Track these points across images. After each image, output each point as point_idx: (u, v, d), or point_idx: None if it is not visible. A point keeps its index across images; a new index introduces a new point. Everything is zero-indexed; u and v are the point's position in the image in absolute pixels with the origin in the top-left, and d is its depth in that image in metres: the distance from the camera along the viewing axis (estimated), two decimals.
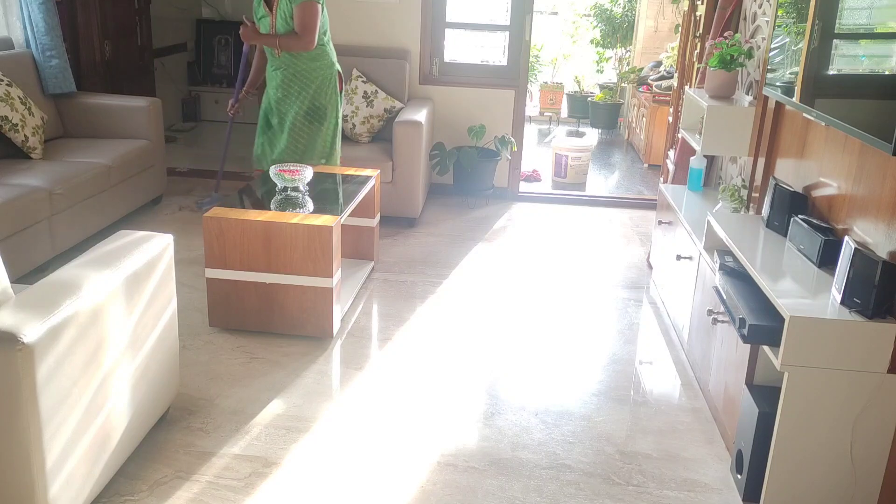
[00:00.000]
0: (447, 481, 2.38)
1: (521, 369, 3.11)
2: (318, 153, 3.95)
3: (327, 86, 3.87)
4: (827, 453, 2.18)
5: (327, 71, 3.85)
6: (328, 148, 3.97)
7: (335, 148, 4.02)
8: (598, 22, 8.36)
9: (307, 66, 3.81)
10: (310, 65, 3.81)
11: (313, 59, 3.80)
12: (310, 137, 3.91)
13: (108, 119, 4.66)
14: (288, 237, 3.09)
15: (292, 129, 3.88)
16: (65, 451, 1.90)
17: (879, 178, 2.28)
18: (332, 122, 3.94)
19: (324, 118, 3.90)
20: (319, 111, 3.88)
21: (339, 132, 4.03)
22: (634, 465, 2.51)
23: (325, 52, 3.84)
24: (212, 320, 3.25)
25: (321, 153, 3.96)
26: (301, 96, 3.85)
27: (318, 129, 3.90)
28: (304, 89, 3.84)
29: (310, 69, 3.81)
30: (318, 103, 3.87)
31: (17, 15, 4.55)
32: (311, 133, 3.90)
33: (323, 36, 3.79)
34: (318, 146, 3.94)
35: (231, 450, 2.48)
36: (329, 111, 3.90)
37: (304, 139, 3.90)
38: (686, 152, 4.02)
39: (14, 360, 1.70)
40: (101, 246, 2.24)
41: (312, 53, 3.77)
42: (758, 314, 2.27)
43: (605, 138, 8.10)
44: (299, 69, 3.81)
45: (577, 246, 4.60)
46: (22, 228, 3.49)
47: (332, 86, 3.89)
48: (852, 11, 2.42)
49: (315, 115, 3.88)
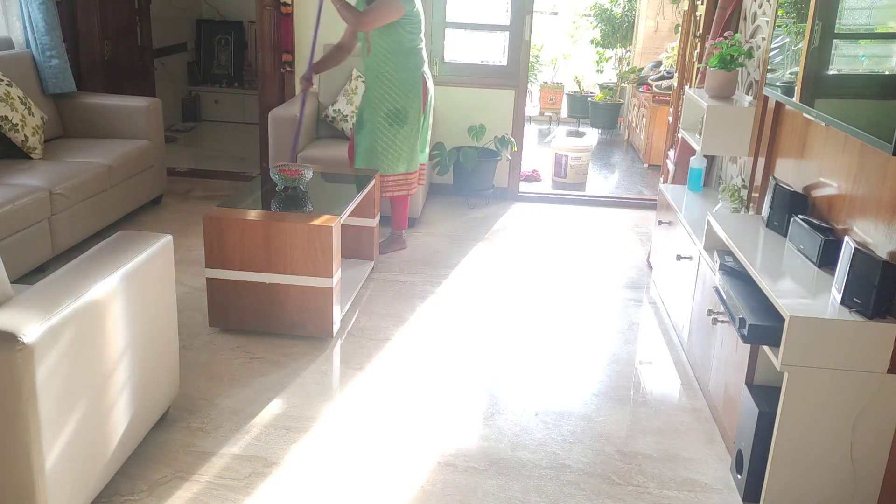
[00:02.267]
0: (447, 481, 2.38)
1: (521, 369, 3.11)
2: (398, 157, 3.95)
3: (411, 89, 3.88)
4: (827, 453, 2.18)
5: (411, 74, 3.87)
6: (408, 152, 3.97)
7: (415, 152, 4.02)
8: (598, 22, 8.36)
9: (391, 68, 3.83)
10: (394, 66, 3.83)
11: (398, 61, 3.82)
12: (390, 140, 3.91)
13: (108, 119, 4.66)
14: (288, 237, 3.09)
15: (374, 131, 3.91)
16: (65, 451, 1.90)
17: (879, 178, 2.28)
18: (413, 126, 3.94)
19: (404, 121, 3.89)
20: (401, 114, 3.88)
21: (420, 137, 4.02)
22: (634, 465, 2.51)
23: (411, 55, 3.85)
24: (212, 320, 3.25)
25: (401, 157, 3.96)
26: (384, 98, 3.87)
27: (398, 132, 3.91)
28: (388, 91, 3.86)
29: (394, 71, 3.83)
30: (400, 106, 3.87)
31: (17, 15, 4.55)
32: (391, 136, 3.91)
33: (409, 38, 3.80)
34: (399, 149, 3.94)
35: (231, 450, 2.48)
36: (411, 115, 3.90)
37: (383, 141, 3.91)
38: (686, 152, 4.03)
39: (14, 360, 1.70)
40: (101, 246, 2.24)
41: (397, 54, 3.80)
42: (758, 314, 2.27)
43: (605, 138, 8.10)
44: (383, 70, 3.84)
45: (577, 246, 4.60)
46: (22, 228, 3.49)
47: (416, 89, 3.89)
48: (852, 11, 2.42)
49: (396, 117, 3.88)
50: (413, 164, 4.05)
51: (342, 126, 4.86)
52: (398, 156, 3.96)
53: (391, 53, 3.81)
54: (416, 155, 4.05)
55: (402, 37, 3.79)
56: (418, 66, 3.90)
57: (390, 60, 3.82)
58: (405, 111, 3.88)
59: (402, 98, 3.87)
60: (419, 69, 3.91)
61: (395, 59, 3.82)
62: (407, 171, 4.04)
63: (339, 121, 4.86)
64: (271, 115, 4.60)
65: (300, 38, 5.19)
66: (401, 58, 3.83)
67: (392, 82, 3.85)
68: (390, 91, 3.87)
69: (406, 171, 4.04)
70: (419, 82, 3.91)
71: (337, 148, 4.68)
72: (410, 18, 3.77)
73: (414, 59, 3.87)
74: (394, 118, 3.89)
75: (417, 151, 4.05)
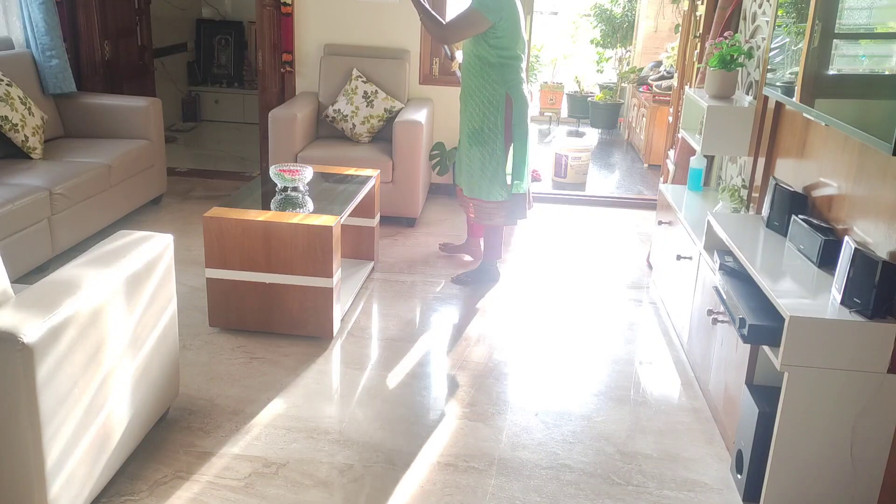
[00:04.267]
0: (447, 481, 2.38)
1: (522, 369, 3.11)
2: (490, 181, 3.64)
3: (490, 107, 3.55)
4: (827, 453, 2.18)
5: (491, 90, 3.54)
6: (485, 177, 3.64)
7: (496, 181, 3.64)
8: (598, 22, 8.36)
9: (473, 83, 3.58)
10: (475, 81, 3.57)
11: (480, 76, 3.54)
12: (476, 162, 3.64)
13: (108, 119, 4.66)
14: (288, 237, 3.09)
15: (463, 153, 3.72)
16: (65, 451, 1.90)
17: (879, 178, 2.28)
18: (493, 151, 3.59)
19: (485, 142, 3.59)
20: (481, 134, 3.59)
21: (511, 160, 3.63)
22: (634, 465, 2.51)
23: (495, 70, 3.52)
24: (212, 320, 3.25)
25: (494, 181, 3.63)
26: (466, 116, 3.65)
27: (481, 153, 3.61)
28: (468, 107, 3.63)
29: (475, 86, 3.58)
30: (478, 125, 3.59)
31: (17, 15, 4.55)
32: (473, 157, 3.64)
33: (494, 52, 3.49)
34: (488, 173, 3.63)
35: (231, 450, 2.48)
36: (489, 135, 3.57)
37: (470, 163, 3.67)
38: (686, 152, 4.03)
39: (14, 360, 1.70)
40: (101, 246, 2.24)
41: (480, 68, 3.52)
42: (758, 314, 2.27)
43: (605, 138, 8.10)
44: (467, 84, 3.62)
45: (577, 246, 4.60)
46: (22, 228, 3.49)
47: (497, 108, 3.55)
48: (852, 11, 2.42)
49: (477, 138, 3.61)
50: (492, 192, 3.66)
51: (342, 126, 4.86)
52: (492, 181, 3.64)
53: (474, 67, 3.55)
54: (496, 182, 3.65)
55: (484, 51, 3.49)
56: (504, 82, 3.53)
57: (474, 75, 3.56)
58: (481, 131, 3.59)
59: (480, 117, 3.58)
60: (503, 87, 3.53)
61: (477, 74, 3.55)
62: (486, 198, 3.68)
63: (339, 121, 4.86)
64: (271, 115, 4.60)
65: (300, 38, 5.19)
66: (484, 72, 3.53)
67: (472, 98, 3.60)
68: (470, 108, 3.62)
69: (486, 198, 3.68)
70: (501, 101, 3.54)
71: (337, 148, 4.68)
72: (496, 31, 3.44)
73: (499, 74, 3.52)
74: (473, 138, 3.62)
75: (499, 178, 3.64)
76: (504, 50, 3.51)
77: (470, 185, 3.71)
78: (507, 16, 3.45)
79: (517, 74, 3.57)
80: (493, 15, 3.42)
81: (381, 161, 4.51)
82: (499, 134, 3.57)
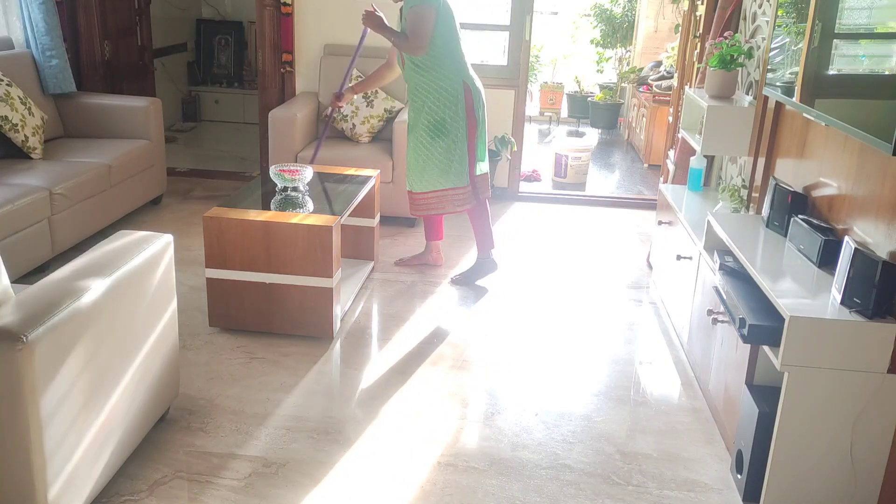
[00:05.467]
0: (447, 481, 2.38)
1: (522, 369, 3.11)
2: (459, 167, 3.68)
3: (448, 99, 3.59)
4: (827, 453, 2.18)
5: (446, 82, 3.58)
6: (453, 165, 3.67)
7: (464, 166, 3.69)
8: (598, 22, 8.35)
9: (425, 78, 3.59)
10: (427, 75, 3.58)
11: (430, 69, 3.57)
12: (430, 154, 3.66)
13: (108, 119, 4.66)
14: (288, 237, 3.09)
15: (416, 145, 3.70)
16: (65, 451, 1.90)
17: (879, 178, 2.28)
18: (456, 139, 3.64)
19: (445, 133, 3.62)
20: (440, 126, 3.62)
21: (468, 151, 3.68)
22: (634, 465, 2.51)
23: (444, 62, 3.57)
24: (212, 320, 3.25)
25: (442, 170, 3.67)
26: (423, 110, 3.64)
27: (438, 144, 3.64)
28: (424, 102, 3.63)
29: (428, 80, 3.59)
30: (438, 117, 3.61)
31: (17, 15, 4.55)
32: (431, 149, 3.65)
33: (442, 46, 3.54)
34: (455, 160, 3.66)
35: (231, 450, 2.48)
36: (449, 126, 3.62)
37: (423, 155, 3.68)
38: (686, 152, 4.03)
39: (14, 360, 1.70)
40: (101, 246, 2.24)
41: (429, 64, 3.55)
42: (758, 314, 2.27)
43: (605, 138, 8.10)
44: (418, 82, 3.62)
45: (577, 246, 4.60)
46: (22, 228, 3.49)
47: (455, 99, 3.60)
48: (852, 11, 2.43)
49: (436, 130, 3.63)
50: (461, 177, 3.71)
51: (342, 126, 4.86)
52: (440, 170, 3.68)
53: (425, 64, 3.56)
54: (464, 168, 3.70)
55: (434, 47, 3.52)
56: (458, 72, 3.59)
57: (426, 71, 3.58)
58: (443, 122, 3.61)
59: (441, 109, 3.60)
60: (459, 76, 3.60)
61: (429, 70, 3.57)
62: (454, 185, 3.71)
63: (339, 121, 4.85)
64: (271, 115, 4.60)
65: (300, 38, 5.19)
66: (436, 67, 3.56)
67: (430, 94, 3.61)
68: (429, 103, 3.62)
69: (453, 185, 3.71)
70: (460, 91, 3.60)
71: (337, 148, 4.68)
72: (437, 22, 3.50)
73: (451, 65, 3.57)
74: (437, 131, 3.63)
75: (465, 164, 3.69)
76: (447, 38, 3.57)
77: (435, 179, 3.71)
78: (443, 3, 3.54)
79: (466, 64, 3.66)
80: (434, 2, 3.49)
81: (381, 161, 4.51)
82: (461, 122, 3.64)
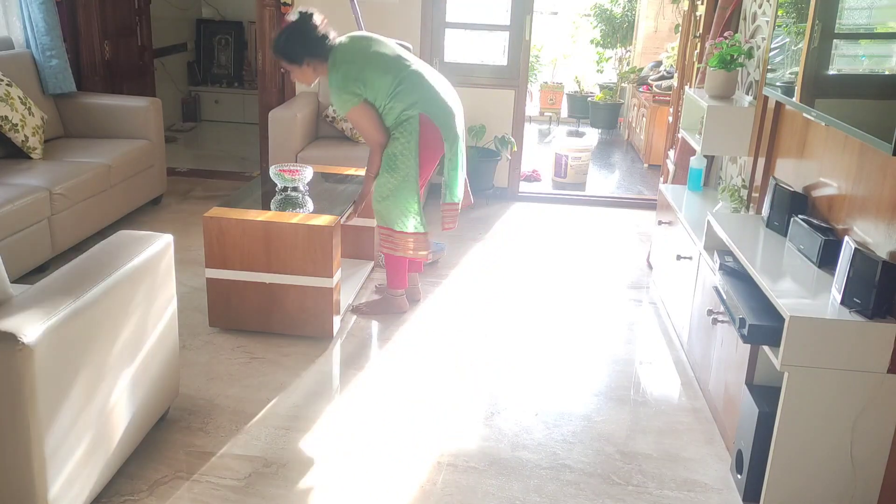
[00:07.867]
0: (447, 481, 2.38)
1: (522, 369, 3.11)
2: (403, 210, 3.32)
3: (405, 132, 3.23)
4: (827, 453, 2.18)
5: (403, 116, 3.22)
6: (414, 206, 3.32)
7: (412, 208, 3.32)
8: (598, 22, 8.35)
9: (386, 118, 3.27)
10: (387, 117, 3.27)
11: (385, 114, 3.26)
12: (386, 190, 3.30)
13: (108, 119, 4.66)
14: (288, 237, 3.09)
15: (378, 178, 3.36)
16: (65, 451, 1.90)
17: (879, 178, 2.28)
18: (410, 176, 3.27)
19: (397, 168, 3.26)
20: (394, 160, 3.27)
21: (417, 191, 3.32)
22: (634, 465, 2.51)
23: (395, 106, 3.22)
24: (212, 320, 3.25)
25: (407, 210, 3.32)
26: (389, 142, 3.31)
27: (393, 179, 3.27)
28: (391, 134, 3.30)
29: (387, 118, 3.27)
30: (391, 150, 3.27)
31: (17, 15, 4.55)
32: (383, 185, 3.30)
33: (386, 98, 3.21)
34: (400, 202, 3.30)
35: (231, 450, 2.48)
36: (402, 161, 3.25)
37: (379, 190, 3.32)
38: (686, 152, 4.03)
39: (14, 360, 1.70)
40: (101, 246, 2.24)
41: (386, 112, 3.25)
42: (758, 314, 2.27)
43: (605, 138, 8.10)
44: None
45: (577, 246, 4.60)
46: (22, 228, 3.49)
47: (412, 133, 3.23)
48: (852, 11, 2.42)
49: (389, 164, 3.28)
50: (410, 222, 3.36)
51: (342, 126, 4.86)
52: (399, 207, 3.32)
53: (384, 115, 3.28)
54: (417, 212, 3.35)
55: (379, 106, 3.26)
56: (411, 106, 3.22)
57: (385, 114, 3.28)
58: (394, 157, 3.27)
59: (393, 143, 3.27)
60: (414, 110, 3.22)
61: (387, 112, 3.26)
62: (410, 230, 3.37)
63: (339, 121, 4.86)
64: (271, 116, 4.60)
65: None
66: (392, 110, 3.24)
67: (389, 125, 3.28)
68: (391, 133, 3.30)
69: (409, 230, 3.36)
70: (415, 124, 3.23)
71: (337, 148, 4.68)
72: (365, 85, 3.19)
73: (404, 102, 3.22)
74: (385, 165, 3.30)
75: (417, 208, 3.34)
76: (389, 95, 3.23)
77: (380, 213, 3.38)
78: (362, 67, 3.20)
79: (417, 90, 3.24)
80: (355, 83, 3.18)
81: None
82: (412, 159, 3.26)
